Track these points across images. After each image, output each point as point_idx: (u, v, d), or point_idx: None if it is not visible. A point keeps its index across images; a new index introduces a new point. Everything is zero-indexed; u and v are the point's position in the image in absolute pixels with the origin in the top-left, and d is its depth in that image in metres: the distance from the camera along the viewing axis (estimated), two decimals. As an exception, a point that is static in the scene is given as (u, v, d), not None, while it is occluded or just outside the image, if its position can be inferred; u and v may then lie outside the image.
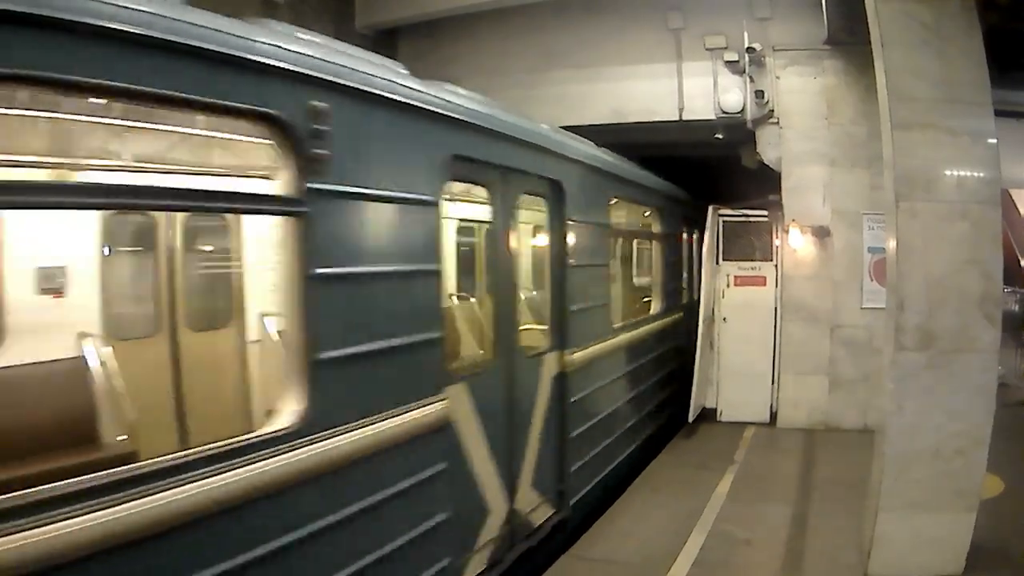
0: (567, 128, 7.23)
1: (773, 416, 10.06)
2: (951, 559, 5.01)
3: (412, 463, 4.02)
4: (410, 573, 4.03)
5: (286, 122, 3.17)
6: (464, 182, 5.04)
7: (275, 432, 3.15)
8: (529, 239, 6.36)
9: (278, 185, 3.31)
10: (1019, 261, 13.89)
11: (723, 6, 9.97)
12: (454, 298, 7.29)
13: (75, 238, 5.29)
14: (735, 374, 10.28)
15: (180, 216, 5.90)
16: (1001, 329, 4.91)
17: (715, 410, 10.29)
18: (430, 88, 4.34)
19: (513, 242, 5.43)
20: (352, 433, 3.53)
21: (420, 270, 4.14)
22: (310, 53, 3.36)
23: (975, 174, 4.91)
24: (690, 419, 9.48)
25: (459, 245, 8.19)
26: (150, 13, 2.60)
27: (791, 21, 9.80)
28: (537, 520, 5.79)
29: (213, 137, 4.60)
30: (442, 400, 4.25)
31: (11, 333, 4.77)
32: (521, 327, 5.72)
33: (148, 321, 5.95)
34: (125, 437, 4.64)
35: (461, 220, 7.81)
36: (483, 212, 5.58)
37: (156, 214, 5.77)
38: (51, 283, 5.08)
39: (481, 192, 5.32)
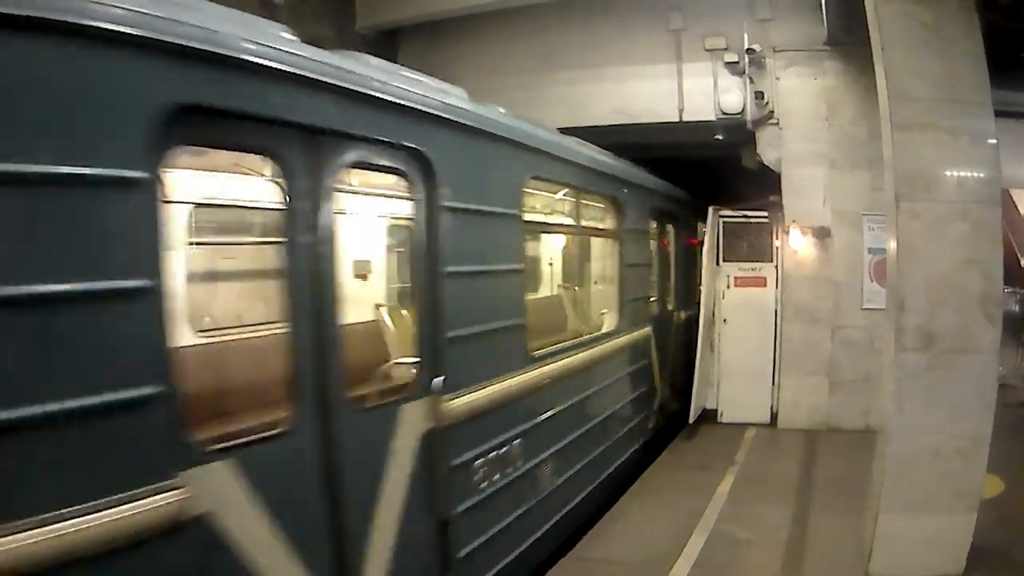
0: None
1: (774, 417, 10.06)
2: (951, 559, 5.01)
3: (640, 355, 8.42)
4: (640, 411, 8.47)
5: (619, 200, 7.60)
6: (651, 219, 9.13)
7: (610, 331, 7.51)
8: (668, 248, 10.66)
9: (612, 226, 7.70)
10: (1019, 261, 13.88)
11: (723, 7, 9.98)
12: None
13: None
14: (735, 375, 10.28)
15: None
16: (1001, 329, 4.91)
17: (716, 411, 10.29)
18: (646, 176, 8.91)
19: (665, 249, 10.43)
20: (631, 336, 7.92)
21: (646, 263, 8.68)
22: (619, 164, 7.97)
23: (975, 174, 4.91)
24: (691, 420, 9.49)
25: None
26: (613, 164, 7.62)
27: (791, 22, 9.81)
28: (670, 408, 10.03)
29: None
30: (648, 328, 8.63)
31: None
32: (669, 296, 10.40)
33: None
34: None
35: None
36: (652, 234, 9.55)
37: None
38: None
39: (653, 224, 9.48)
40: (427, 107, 4.10)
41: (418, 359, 4.17)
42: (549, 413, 5.66)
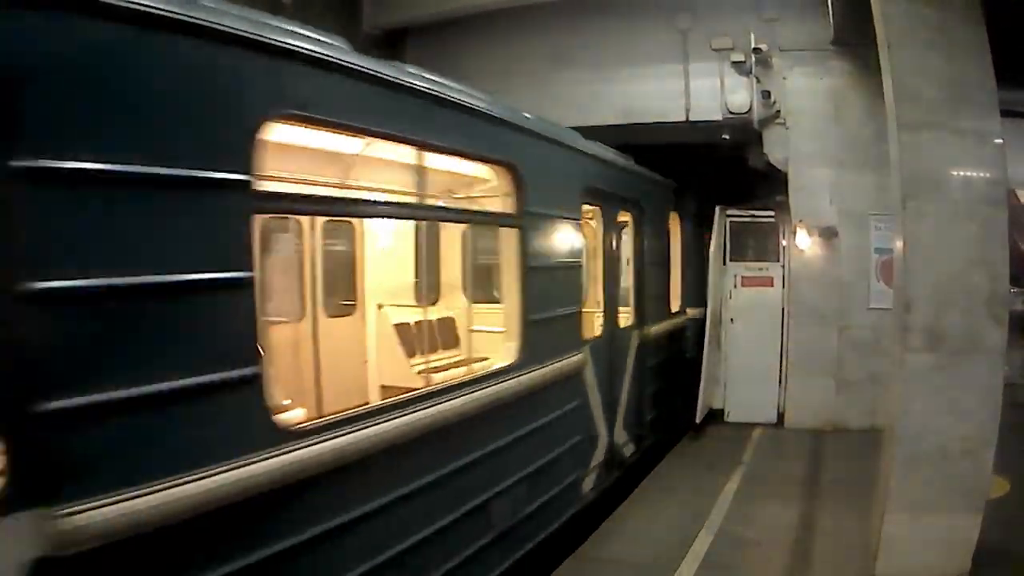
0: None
1: (780, 417, 10.07)
2: (958, 560, 5.00)
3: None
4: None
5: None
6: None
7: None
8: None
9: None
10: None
11: (730, 7, 10.00)
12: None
13: None
14: (742, 375, 10.30)
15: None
16: (1008, 329, 4.90)
17: (722, 411, 10.31)
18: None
19: None
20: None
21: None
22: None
23: (982, 174, 4.90)
24: (697, 420, 9.49)
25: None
26: None
27: (798, 22, 9.81)
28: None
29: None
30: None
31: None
32: None
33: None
34: None
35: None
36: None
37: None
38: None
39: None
40: (645, 178, 8.61)
41: (632, 308, 8.11)
42: (680, 345, 9.80)
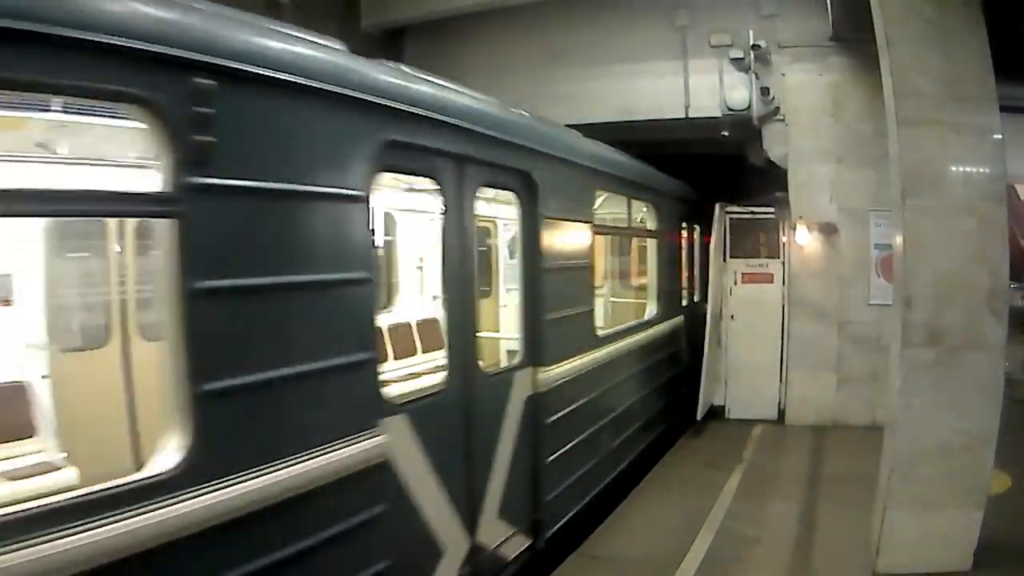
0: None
1: (781, 413, 10.06)
2: (959, 555, 5.01)
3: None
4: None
5: None
6: None
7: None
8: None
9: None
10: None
11: (728, 4, 9.97)
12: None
13: None
14: (743, 371, 10.29)
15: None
16: (1008, 325, 4.90)
17: (723, 407, 10.30)
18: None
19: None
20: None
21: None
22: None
23: (981, 170, 4.90)
24: (698, 417, 9.49)
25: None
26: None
27: (797, 18, 9.79)
28: None
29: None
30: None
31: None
32: None
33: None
34: None
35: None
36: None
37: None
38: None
39: None
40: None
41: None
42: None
